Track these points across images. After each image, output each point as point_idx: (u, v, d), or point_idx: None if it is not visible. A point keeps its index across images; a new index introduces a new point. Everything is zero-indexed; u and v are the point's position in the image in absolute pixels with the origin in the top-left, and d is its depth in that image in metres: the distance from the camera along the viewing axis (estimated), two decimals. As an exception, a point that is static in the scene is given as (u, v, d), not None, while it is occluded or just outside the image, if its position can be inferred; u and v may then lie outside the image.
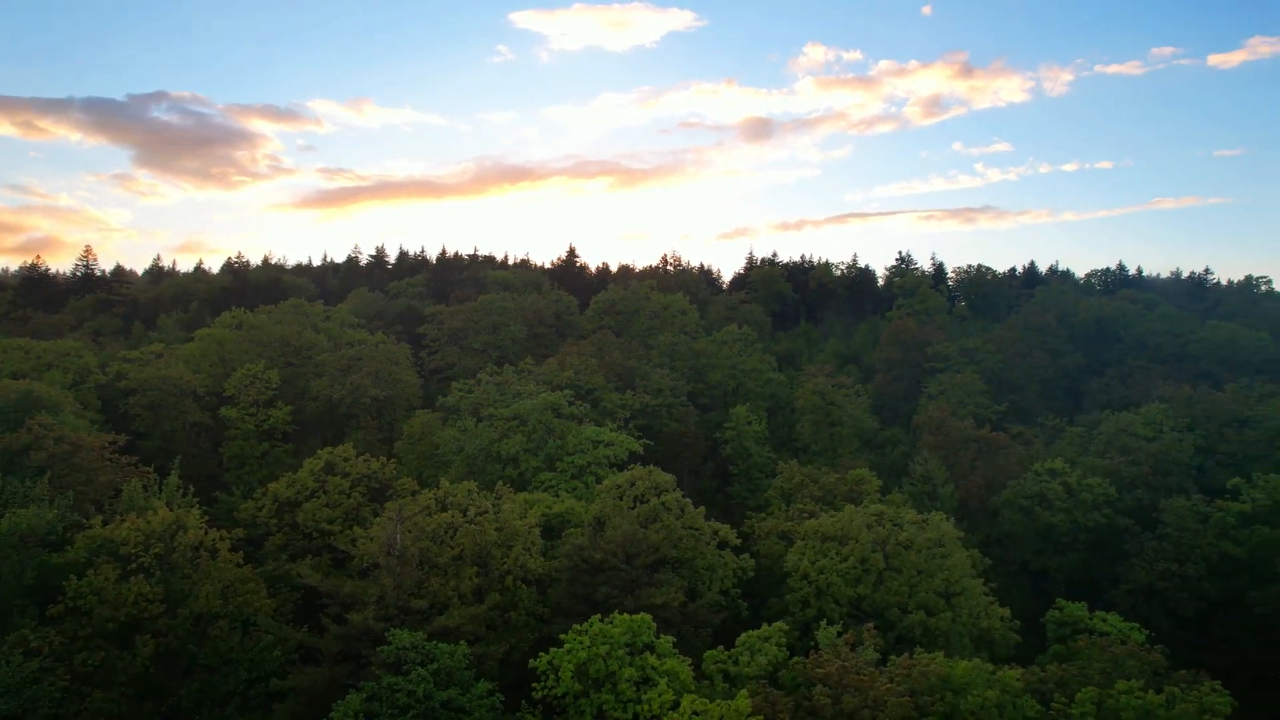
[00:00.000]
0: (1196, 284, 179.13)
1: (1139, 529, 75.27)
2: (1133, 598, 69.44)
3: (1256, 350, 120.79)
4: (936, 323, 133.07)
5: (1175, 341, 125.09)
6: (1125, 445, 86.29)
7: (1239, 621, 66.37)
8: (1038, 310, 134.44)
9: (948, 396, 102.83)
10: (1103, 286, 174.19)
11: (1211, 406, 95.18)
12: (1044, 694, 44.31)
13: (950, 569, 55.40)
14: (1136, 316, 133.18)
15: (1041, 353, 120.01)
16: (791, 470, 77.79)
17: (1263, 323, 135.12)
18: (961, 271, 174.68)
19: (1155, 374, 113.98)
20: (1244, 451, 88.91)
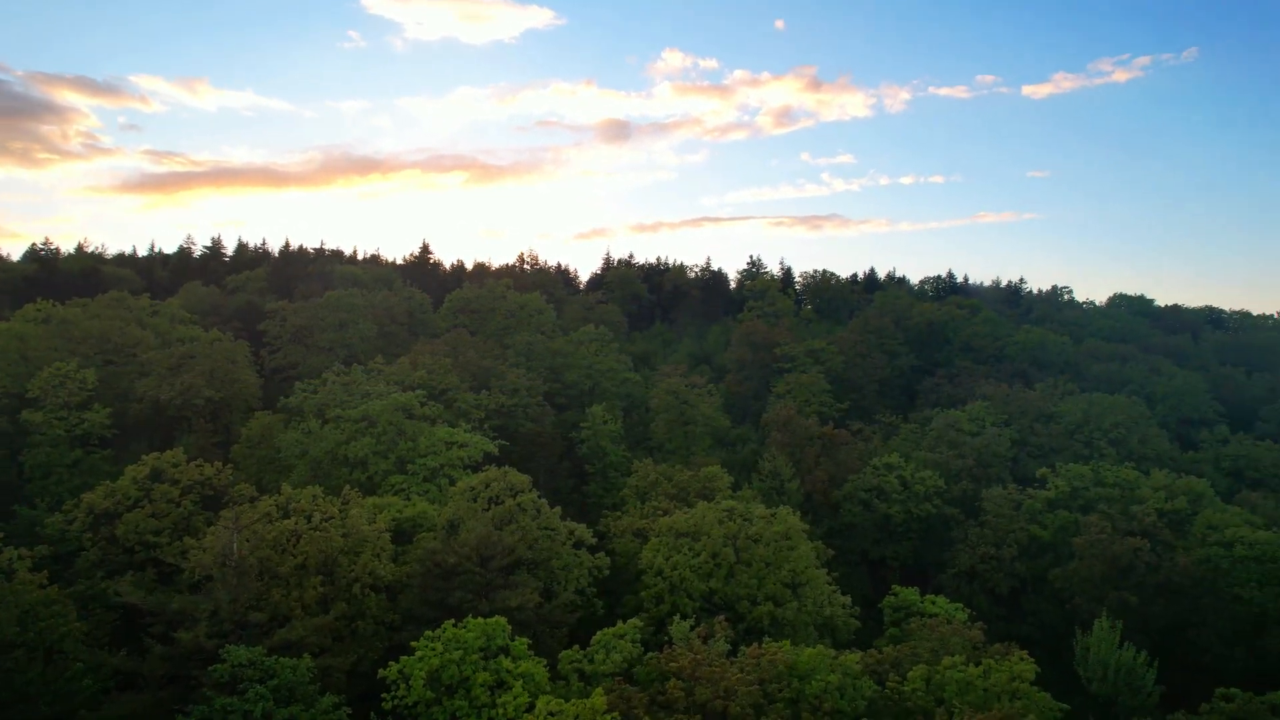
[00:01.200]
0: (1013, 292, 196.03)
1: (963, 517, 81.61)
2: (957, 580, 75.17)
3: (1060, 353, 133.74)
4: (785, 325, 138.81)
5: (995, 344, 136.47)
6: (953, 440, 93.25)
7: (1043, 596, 73.44)
8: (876, 314, 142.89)
9: (794, 396, 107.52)
10: (934, 293, 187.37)
11: (1024, 403, 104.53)
12: (880, 674, 47.26)
13: (796, 560, 57.93)
14: (963, 321, 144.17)
15: (880, 354, 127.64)
16: (646, 469, 79.01)
17: (1065, 328, 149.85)
18: (808, 276, 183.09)
19: (978, 374, 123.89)
20: (1050, 444, 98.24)
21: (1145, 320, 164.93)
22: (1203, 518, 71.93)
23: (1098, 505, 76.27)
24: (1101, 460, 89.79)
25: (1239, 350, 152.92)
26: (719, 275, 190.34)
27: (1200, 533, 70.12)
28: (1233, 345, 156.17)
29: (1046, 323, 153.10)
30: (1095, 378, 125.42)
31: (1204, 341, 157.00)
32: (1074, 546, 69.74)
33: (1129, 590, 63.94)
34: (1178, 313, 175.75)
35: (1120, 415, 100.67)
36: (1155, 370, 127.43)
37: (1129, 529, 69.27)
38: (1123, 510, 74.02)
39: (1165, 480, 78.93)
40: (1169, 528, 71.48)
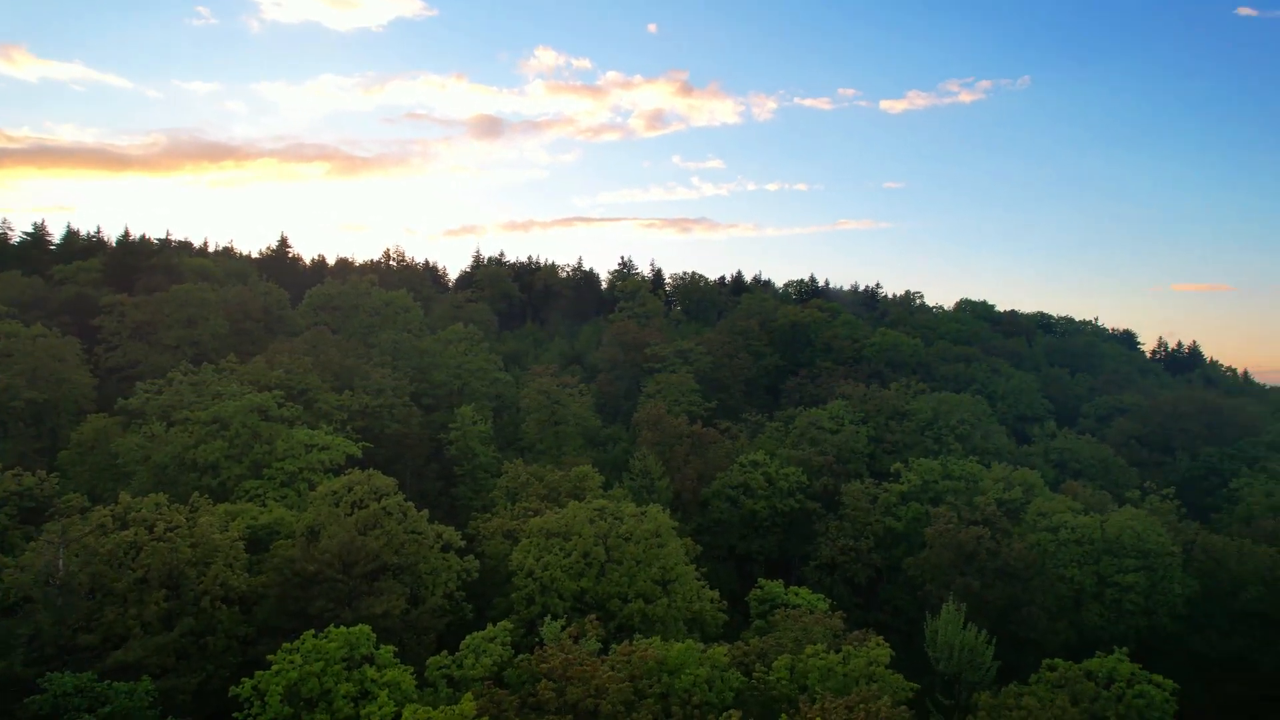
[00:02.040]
0: (870, 296, 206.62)
1: (825, 511, 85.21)
2: (819, 572, 78.44)
3: (912, 354, 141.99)
4: (655, 325, 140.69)
5: (854, 346, 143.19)
6: (814, 437, 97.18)
7: (897, 584, 77.89)
8: (743, 316, 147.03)
9: (664, 395, 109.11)
10: (798, 296, 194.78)
11: (880, 402, 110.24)
12: (747, 665, 48.61)
13: (666, 558, 58.74)
14: (824, 323, 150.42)
15: (746, 355, 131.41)
16: (517, 469, 78.12)
17: (918, 331, 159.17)
18: (678, 278, 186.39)
19: (838, 374, 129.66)
20: (903, 440, 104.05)
21: (987, 324, 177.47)
22: (1034, 506, 78.10)
23: (946, 497, 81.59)
24: (949, 455, 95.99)
25: (1064, 353, 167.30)
26: (590, 275, 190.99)
27: (1032, 520, 76.12)
28: (1059, 348, 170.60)
29: (900, 326, 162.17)
30: (943, 377, 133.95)
31: (1036, 344, 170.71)
32: (925, 536, 74.22)
33: (972, 575, 68.66)
34: (1015, 318, 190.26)
35: (965, 412, 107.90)
36: (995, 371, 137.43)
37: (973, 519, 74.34)
38: (967, 501, 79.43)
39: (1003, 472, 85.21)
40: (1006, 516, 77.22)
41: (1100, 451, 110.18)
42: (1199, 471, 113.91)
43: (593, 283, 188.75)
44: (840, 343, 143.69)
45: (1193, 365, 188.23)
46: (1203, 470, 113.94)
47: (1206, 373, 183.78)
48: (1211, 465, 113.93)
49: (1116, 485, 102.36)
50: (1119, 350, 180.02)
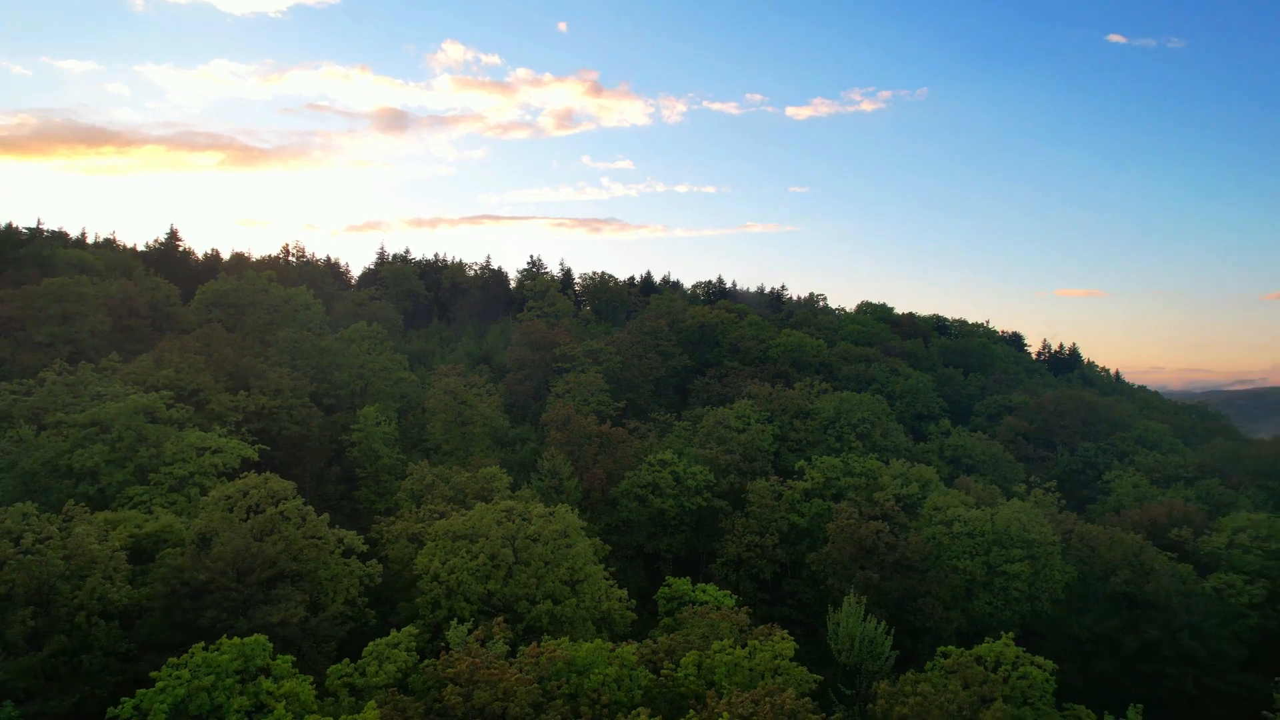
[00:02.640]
0: (776, 297, 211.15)
1: (731, 509, 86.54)
2: (726, 569, 79.63)
3: (816, 355, 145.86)
4: (564, 325, 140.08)
5: (760, 346, 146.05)
6: (721, 436, 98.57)
7: (801, 578, 79.88)
8: (652, 316, 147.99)
9: (573, 395, 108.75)
10: (706, 297, 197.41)
11: (785, 401, 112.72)
12: (656, 663, 48.89)
13: (575, 558, 58.52)
14: (731, 324, 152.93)
15: (655, 355, 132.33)
16: (422, 471, 76.42)
17: (821, 332, 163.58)
18: (587, 278, 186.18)
19: (745, 374, 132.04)
20: (807, 438, 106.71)
21: (887, 326, 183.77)
22: (930, 501, 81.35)
23: (847, 493, 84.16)
24: (850, 452, 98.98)
25: (958, 354, 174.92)
26: (499, 274, 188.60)
27: (928, 514, 79.25)
28: (954, 349, 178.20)
29: (805, 327, 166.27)
30: (845, 377, 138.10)
31: (932, 346, 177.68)
32: (827, 532, 76.30)
33: (872, 568, 71.00)
34: (913, 320, 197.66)
35: (866, 411, 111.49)
36: (894, 371, 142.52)
37: (872, 514, 76.90)
38: (867, 497, 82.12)
39: (901, 469, 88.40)
40: (904, 511, 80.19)
41: (991, 448, 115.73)
42: (1077, 465, 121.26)
43: (501, 282, 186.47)
44: (747, 343, 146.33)
45: (1073, 366, 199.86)
46: (1080, 464, 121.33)
47: (1085, 373, 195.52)
48: (1088, 459, 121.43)
49: (1005, 479, 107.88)
50: (1008, 352, 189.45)
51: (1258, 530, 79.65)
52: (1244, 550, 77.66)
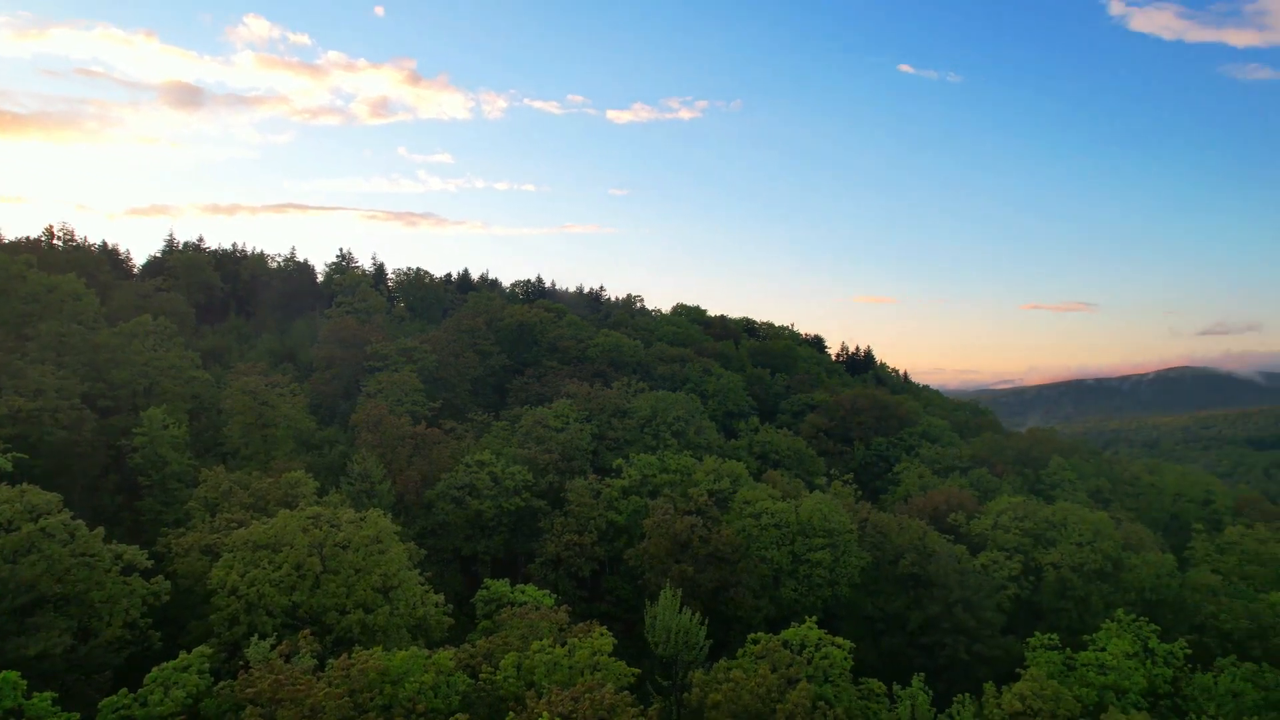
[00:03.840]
0: (595, 298, 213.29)
1: (550, 508, 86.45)
2: (545, 568, 79.42)
3: (633, 355, 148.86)
4: (377, 322, 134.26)
5: (579, 346, 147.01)
6: (540, 436, 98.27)
7: (619, 575, 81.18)
8: (470, 314, 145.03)
9: (386, 395, 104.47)
10: (525, 295, 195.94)
11: (603, 401, 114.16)
12: (474, 667, 47.89)
13: (388, 564, 56.18)
14: (550, 323, 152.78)
15: (473, 354, 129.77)
16: (217, 477, 70.50)
17: (638, 333, 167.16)
18: (402, 273, 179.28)
19: (564, 374, 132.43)
20: (624, 437, 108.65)
21: (700, 328, 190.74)
22: (740, 495, 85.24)
23: (663, 490, 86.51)
24: (666, 450, 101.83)
25: (766, 355, 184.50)
26: (305, 267, 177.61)
27: (738, 508, 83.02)
28: (762, 351, 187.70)
29: (622, 327, 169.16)
30: (661, 377, 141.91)
31: (743, 347, 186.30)
32: (644, 528, 78.00)
33: (687, 562, 73.35)
34: (724, 322, 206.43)
35: (681, 410, 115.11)
36: (707, 371, 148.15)
37: (687, 509, 79.48)
38: (682, 493, 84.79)
39: (714, 465, 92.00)
40: (716, 505, 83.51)
41: (795, 444, 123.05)
42: (871, 458, 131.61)
43: (308, 275, 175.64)
44: (566, 343, 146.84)
45: (868, 367, 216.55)
46: (874, 457, 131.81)
47: (878, 373, 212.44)
48: (880, 453, 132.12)
49: (808, 473, 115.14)
50: (811, 353, 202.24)
51: (1015, 512, 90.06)
52: (1005, 530, 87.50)
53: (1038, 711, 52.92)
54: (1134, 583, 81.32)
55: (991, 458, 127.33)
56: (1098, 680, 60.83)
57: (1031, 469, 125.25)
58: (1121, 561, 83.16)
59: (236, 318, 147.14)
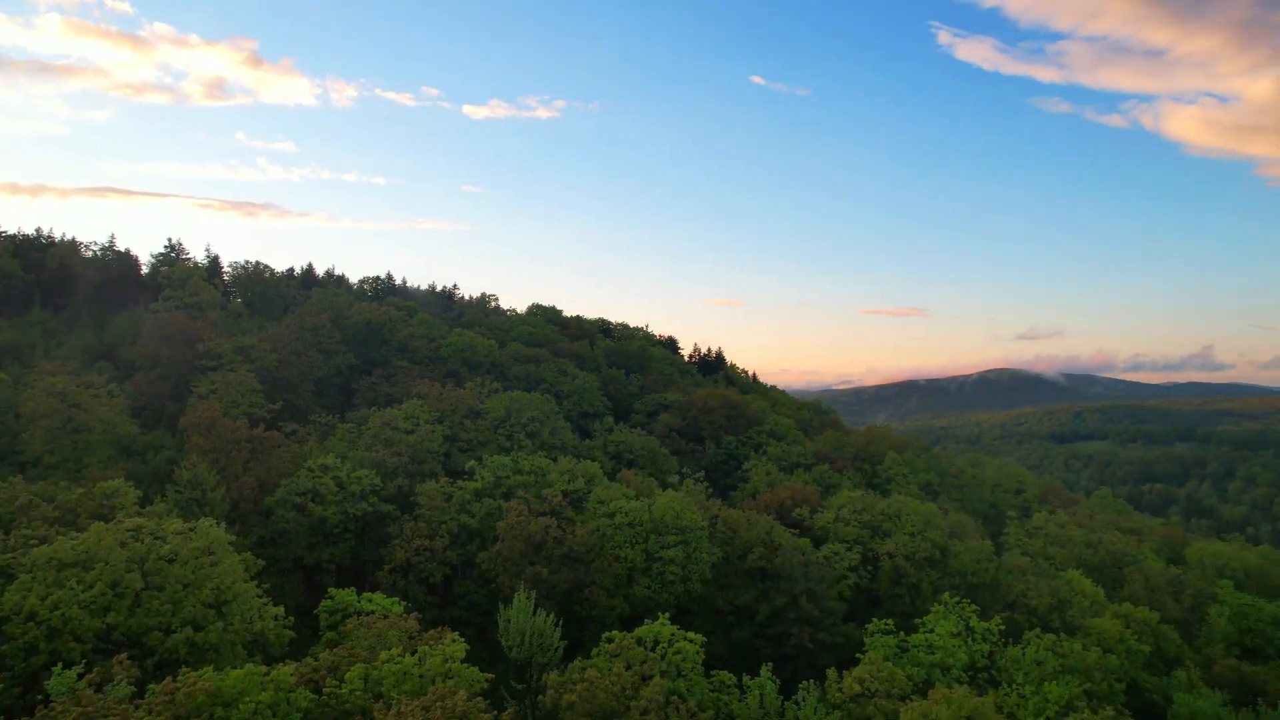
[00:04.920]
0: (447, 296, 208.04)
1: (399, 513, 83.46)
2: (394, 575, 76.53)
3: (487, 354, 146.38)
4: (210, 318, 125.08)
5: (430, 346, 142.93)
6: (389, 438, 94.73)
7: (472, 579, 79.48)
8: (314, 311, 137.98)
9: (220, 396, 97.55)
10: (373, 293, 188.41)
11: (455, 401, 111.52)
12: (317, 682, 45.37)
13: (221, 577, 52.41)
14: (400, 322, 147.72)
15: (317, 353, 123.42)
16: (14, 489, 63.37)
17: (492, 332, 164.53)
18: (239, 267, 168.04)
19: (414, 374, 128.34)
20: (478, 438, 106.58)
21: (555, 328, 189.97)
22: (595, 495, 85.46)
23: (517, 491, 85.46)
24: (520, 451, 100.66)
25: (621, 355, 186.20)
26: (127, 257, 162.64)
27: (593, 507, 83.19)
28: (617, 351, 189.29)
29: (476, 327, 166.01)
30: (516, 377, 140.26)
31: (598, 348, 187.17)
32: (498, 530, 76.70)
33: (541, 563, 72.75)
34: (580, 323, 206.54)
35: (535, 410, 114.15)
36: (563, 371, 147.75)
37: (541, 510, 78.84)
38: (537, 494, 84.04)
39: (569, 465, 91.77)
40: (571, 506, 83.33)
41: (649, 443, 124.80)
42: (721, 457, 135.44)
43: (130, 266, 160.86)
44: (417, 342, 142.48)
45: (719, 368, 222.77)
46: (724, 455, 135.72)
47: (728, 374, 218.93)
48: (730, 451, 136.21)
49: (661, 472, 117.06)
50: (665, 354, 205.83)
51: (855, 505, 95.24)
52: (845, 523, 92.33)
53: (875, 692, 56.09)
54: (958, 568, 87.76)
55: (833, 455, 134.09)
56: (926, 659, 65.24)
57: (869, 464, 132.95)
58: (948, 549, 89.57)
59: (42, 311, 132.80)
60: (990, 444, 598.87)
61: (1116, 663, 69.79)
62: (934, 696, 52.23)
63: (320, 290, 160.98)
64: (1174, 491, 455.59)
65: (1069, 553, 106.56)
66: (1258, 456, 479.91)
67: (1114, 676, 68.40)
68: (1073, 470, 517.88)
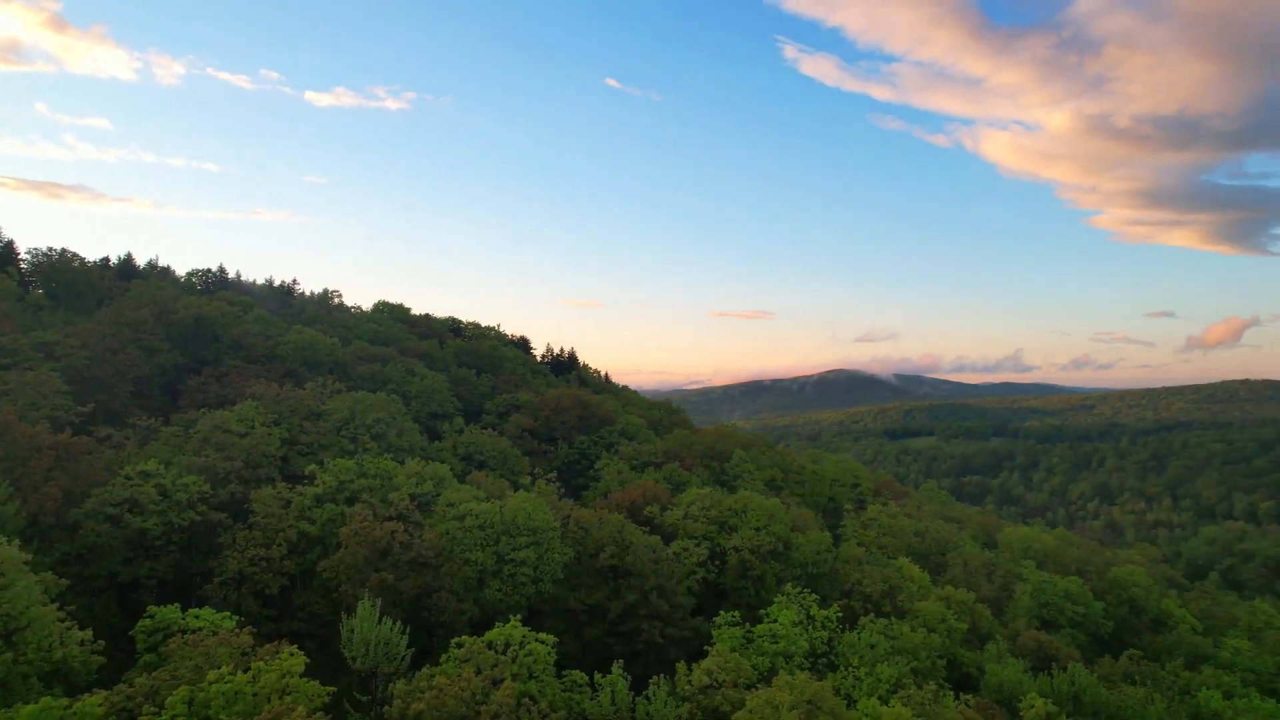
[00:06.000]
0: (287, 292, 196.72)
1: (232, 522, 78.03)
2: (225, 588, 71.49)
3: (330, 353, 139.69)
4: (3, 311, 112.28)
5: (267, 343, 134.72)
6: (220, 442, 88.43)
7: (313, 589, 75.51)
8: (134, 305, 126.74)
9: (16, 398, 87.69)
10: (203, 286, 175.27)
11: (295, 402, 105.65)
12: (132, 711, 41.63)
13: (13, 601, 47.09)
14: (234, 318, 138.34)
15: (136, 350, 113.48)
16: None
17: (336, 330, 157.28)
18: (41, 254, 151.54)
19: (249, 373, 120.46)
20: (319, 441, 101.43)
21: (403, 326, 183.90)
22: (444, 497, 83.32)
23: (362, 495, 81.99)
24: (365, 453, 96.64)
25: (472, 355, 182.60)
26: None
27: (442, 510, 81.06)
28: (467, 351, 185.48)
29: (318, 324, 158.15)
30: (361, 377, 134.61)
31: (448, 347, 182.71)
32: (341, 537, 73.19)
33: (387, 569, 70.00)
34: (429, 321, 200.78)
35: (381, 411, 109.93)
36: (410, 371, 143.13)
37: (388, 514, 75.95)
38: (382, 498, 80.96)
39: (417, 468, 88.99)
40: (419, 509, 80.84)
41: (500, 444, 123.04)
42: (574, 457, 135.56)
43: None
44: (252, 340, 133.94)
45: (572, 368, 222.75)
46: (576, 455, 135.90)
47: (581, 374, 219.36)
48: (583, 451, 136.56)
49: (513, 473, 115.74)
50: (517, 354, 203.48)
51: (703, 502, 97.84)
52: (694, 519, 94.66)
53: (722, 683, 57.79)
54: (800, 559, 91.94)
55: (683, 453, 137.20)
56: (770, 649, 67.94)
57: (717, 462, 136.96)
58: (790, 541, 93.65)
59: None
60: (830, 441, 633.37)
61: (939, 641, 75.39)
62: (777, 684, 54.41)
63: (141, 282, 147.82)
64: (989, 482, 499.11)
65: (899, 541, 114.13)
66: (1055, 449, 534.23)
67: (936, 654, 73.88)
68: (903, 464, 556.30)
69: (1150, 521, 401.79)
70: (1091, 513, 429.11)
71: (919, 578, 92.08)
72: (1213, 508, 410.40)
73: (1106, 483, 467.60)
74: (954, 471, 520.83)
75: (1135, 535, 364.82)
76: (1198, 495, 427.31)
